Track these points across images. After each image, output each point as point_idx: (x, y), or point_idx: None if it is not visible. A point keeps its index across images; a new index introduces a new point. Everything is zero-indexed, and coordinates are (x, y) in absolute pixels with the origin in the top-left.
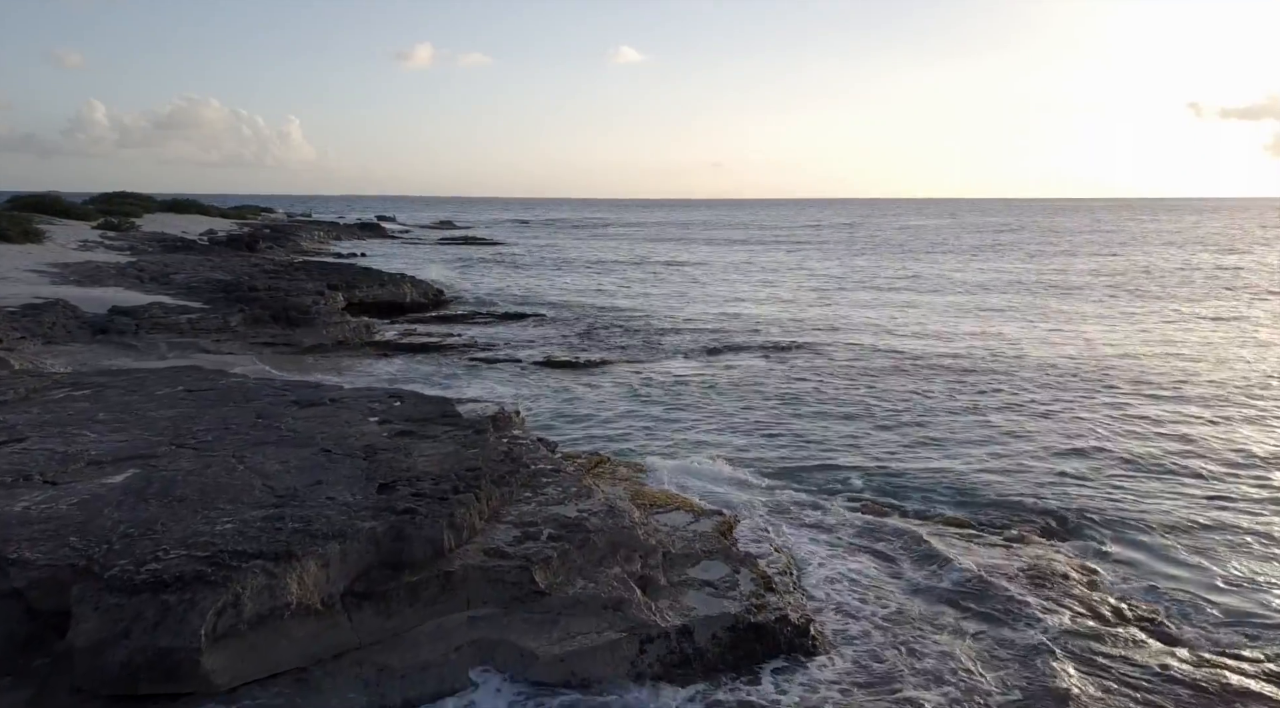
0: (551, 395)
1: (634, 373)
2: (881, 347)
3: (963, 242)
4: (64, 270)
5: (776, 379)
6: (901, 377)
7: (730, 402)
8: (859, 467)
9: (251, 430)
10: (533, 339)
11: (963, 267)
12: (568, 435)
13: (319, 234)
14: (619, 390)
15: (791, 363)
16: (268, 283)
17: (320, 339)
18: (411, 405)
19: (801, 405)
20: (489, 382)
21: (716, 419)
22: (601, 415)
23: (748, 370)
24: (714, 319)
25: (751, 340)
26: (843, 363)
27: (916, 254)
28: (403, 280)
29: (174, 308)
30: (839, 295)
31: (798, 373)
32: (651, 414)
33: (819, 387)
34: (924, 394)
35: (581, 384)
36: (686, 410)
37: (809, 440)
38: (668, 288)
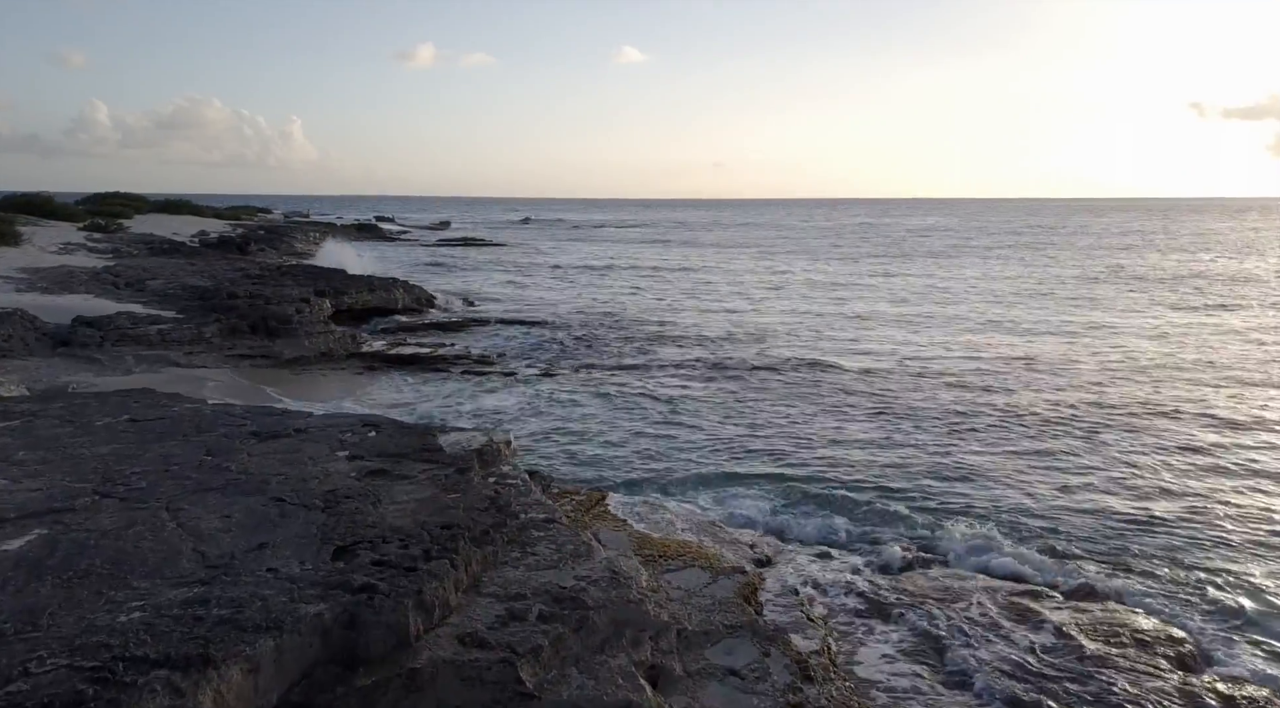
0: (548, 412)
1: (640, 387)
2: (914, 362)
3: (978, 242)
4: (33, 276)
5: (802, 399)
6: (943, 395)
7: (748, 424)
8: (902, 502)
9: (196, 472)
10: (530, 348)
11: (991, 272)
12: (565, 462)
13: (314, 235)
14: (622, 407)
15: (819, 381)
16: (250, 289)
17: (302, 351)
18: (387, 437)
19: (830, 430)
20: (480, 398)
21: (733, 444)
22: (603, 436)
23: (768, 388)
24: (729, 330)
25: (772, 355)
26: (874, 381)
27: (938, 258)
28: (394, 285)
29: (144, 318)
30: (863, 304)
31: (826, 393)
32: (659, 435)
33: (850, 409)
34: (969, 416)
35: (581, 399)
36: (698, 431)
37: (841, 472)
38: (677, 295)
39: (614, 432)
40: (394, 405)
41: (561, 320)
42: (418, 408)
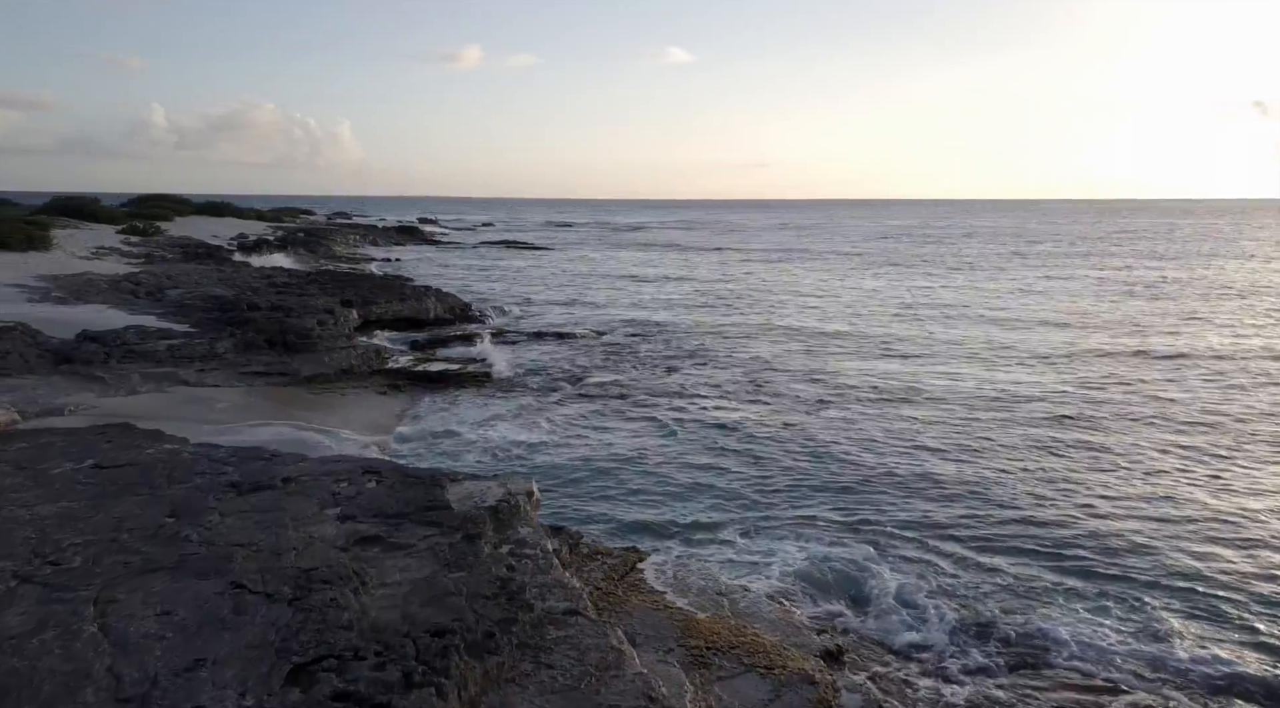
0: (581, 443)
1: (687, 415)
2: (1013, 389)
3: (1077, 249)
4: (51, 284)
5: (884, 435)
6: (1059, 434)
7: (812, 458)
8: (1009, 563)
9: (148, 544)
10: (566, 366)
11: (1075, 274)
12: (596, 504)
13: (354, 238)
14: (665, 437)
15: (905, 415)
16: (273, 299)
17: (321, 368)
18: (388, 489)
19: (914, 472)
20: (507, 425)
21: (794, 484)
22: (643, 472)
23: (844, 424)
24: (791, 351)
25: (851, 383)
26: (966, 415)
27: (1012, 261)
28: (426, 294)
29: (154, 332)
30: (937, 312)
31: (913, 430)
32: (707, 472)
33: (939, 447)
34: (1099, 456)
35: (618, 427)
36: (752, 467)
37: (925, 522)
38: (727, 304)
39: (655, 467)
40: (407, 439)
41: (602, 335)
42: (435, 437)
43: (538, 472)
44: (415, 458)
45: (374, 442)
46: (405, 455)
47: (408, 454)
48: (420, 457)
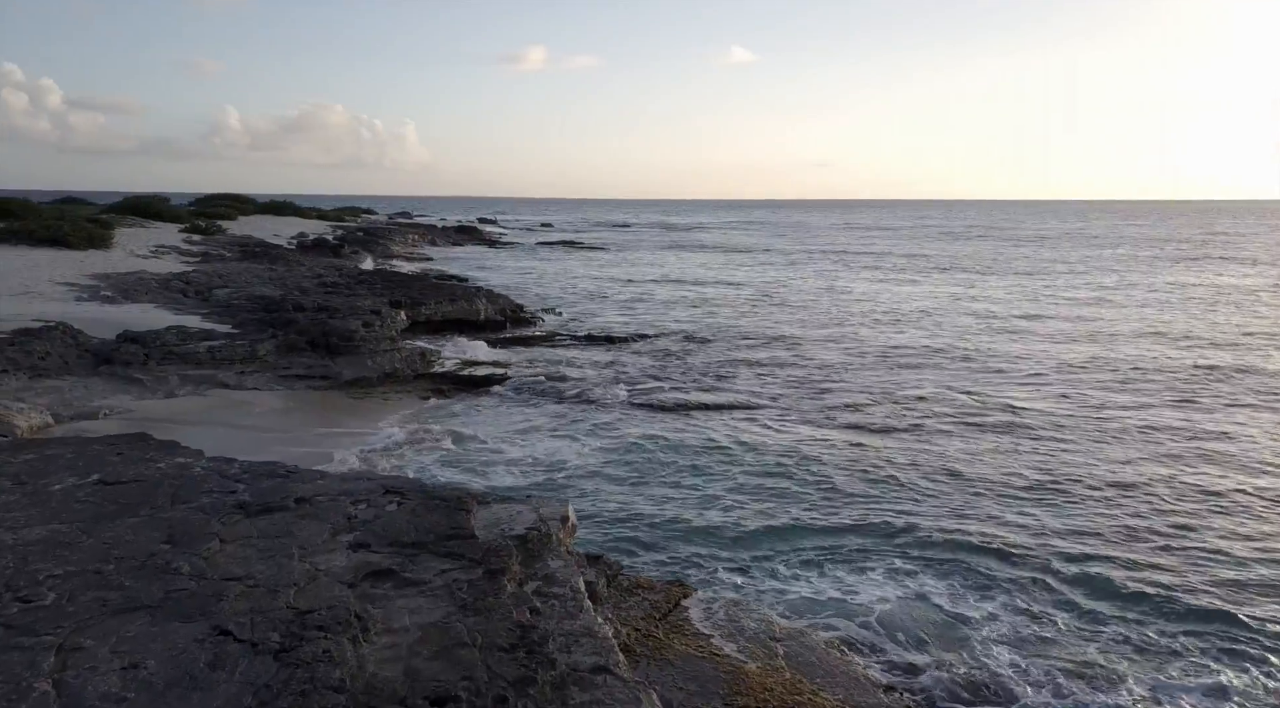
0: (627, 458)
1: (746, 429)
2: (1114, 413)
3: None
4: (103, 283)
5: (967, 458)
6: (1177, 467)
7: (890, 491)
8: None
9: (135, 576)
10: (615, 372)
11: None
12: (638, 529)
13: (413, 238)
14: (720, 454)
15: (992, 437)
16: (320, 300)
17: (364, 372)
18: (409, 513)
19: (1003, 508)
20: (549, 437)
21: (867, 519)
22: (693, 492)
23: (922, 444)
24: (861, 362)
25: (927, 397)
26: (1060, 438)
27: (1099, 265)
28: (477, 295)
29: (196, 333)
30: (1018, 320)
31: (1001, 454)
32: (766, 496)
33: (1030, 474)
34: (1217, 497)
35: (669, 440)
36: (817, 493)
37: (1023, 573)
38: (789, 308)
39: (707, 489)
40: (439, 457)
41: (656, 339)
42: (470, 450)
43: (578, 490)
44: (447, 470)
45: (405, 449)
46: (435, 468)
47: (438, 466)
48: (453, 467)
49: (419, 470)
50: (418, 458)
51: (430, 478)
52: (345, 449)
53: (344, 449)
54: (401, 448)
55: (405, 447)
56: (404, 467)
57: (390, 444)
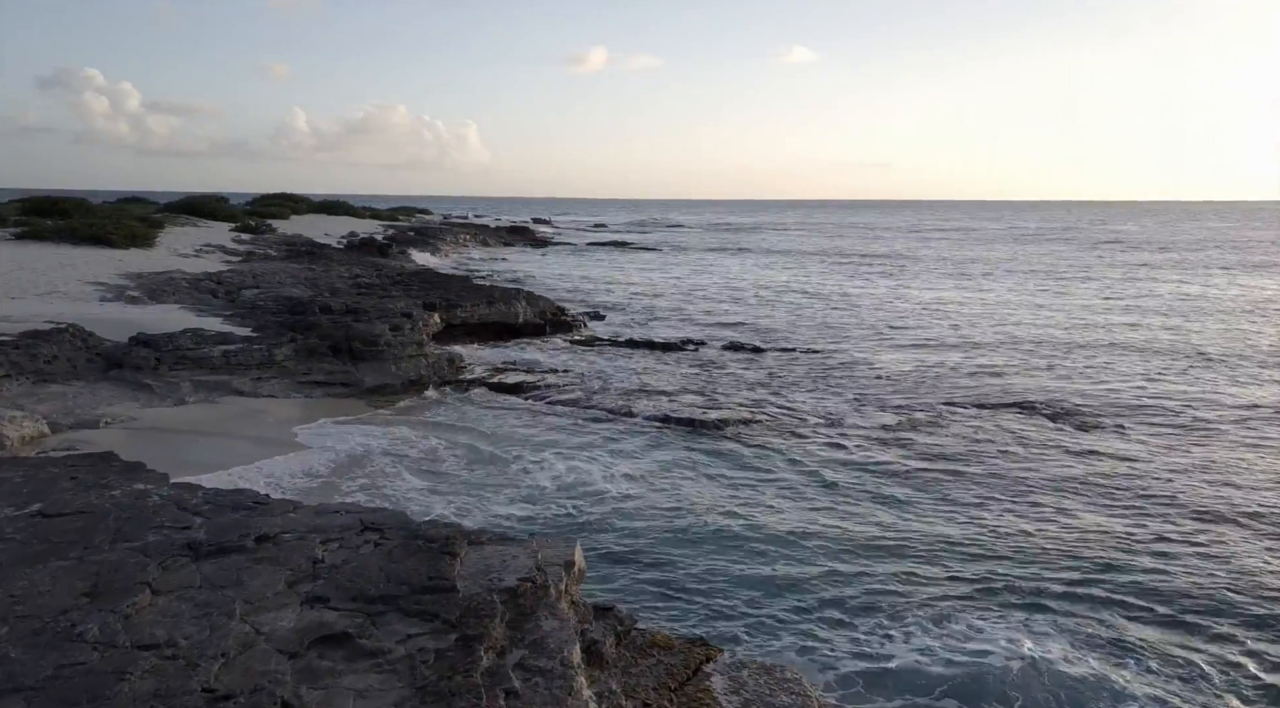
0: (661, 483)
1: (801, 448)
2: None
3: None
4: (132, 282)
5: (1063, 485)
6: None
7: (968, 526)
8: None
9: (27, 643)
10: (658, 381)
11: None
12: (664, 576)
13: (463, 237)
14: (763, 480)
15: (1094, 462)
16: (349, 301)
17: (387, 378)
18: (385, 556)
19: (1114, 546)
20: (577, 456)
21: (938, 558)
22: (732, 533)
23: (1004, 467)
24: (933, 373)
25: (1008, 412)
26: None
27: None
28: (516, 297)
29: (212, 336)
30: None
31: (1105, 477)
32: (815, 533)
33: (1141, 506)
34: None
35: (705, 465)
36: (876, 528)
37: (1149, 626)
38: (851, 314)
39: (746, 523)
40: (448, 476)
41: (701, 347)
42: (484, 470)
43: (600, 521)
44: (453, 492)
45: (413, 463)
46: (442, 489)
47: (445, 486)
48: (462, 489)
49: (420, 493)
50: (423, 476)
51: (430, 503)
52: (341, 473)
53: (339, 472)
54: (410, 461)
55: (415, 461)
56: (405, 487)
57: (400, 457)
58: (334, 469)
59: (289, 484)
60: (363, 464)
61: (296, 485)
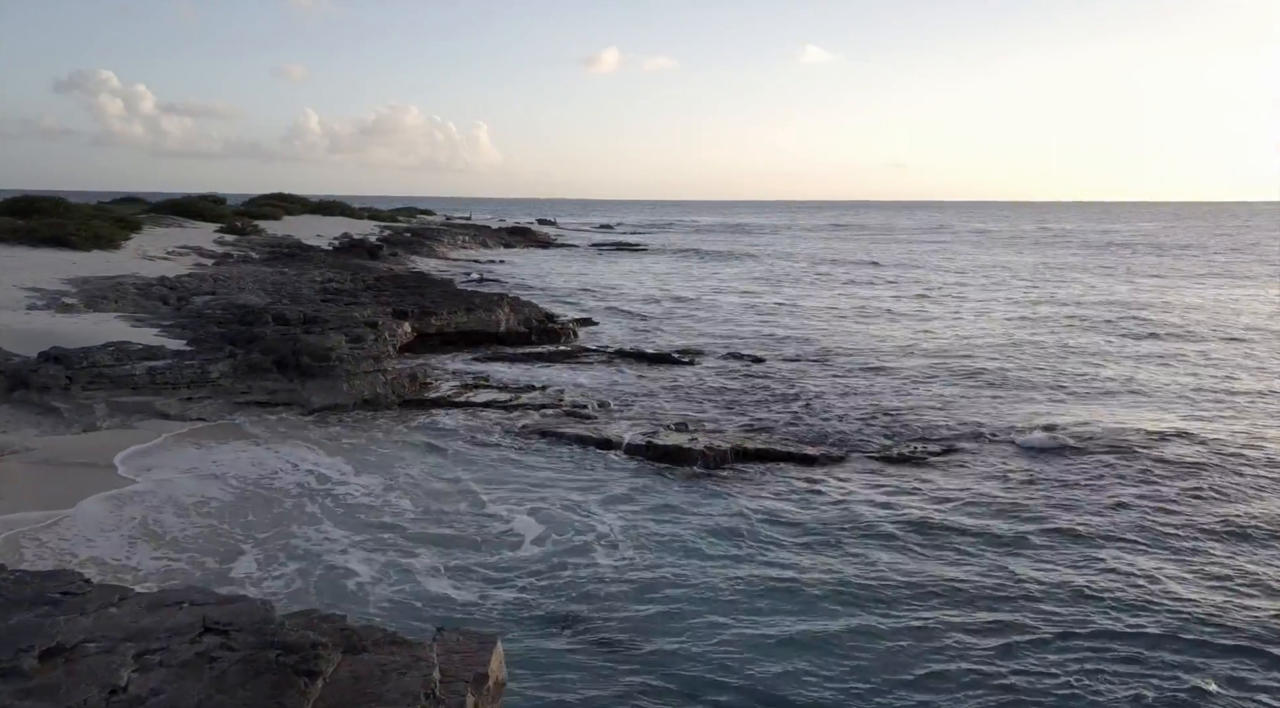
0: (633, 538)
1: (821, 495)
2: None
3: None
4: (75, 288)
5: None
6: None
7: (1076, 603)
8: None
9: None
10: (652, 402)
11: None
12: (656, 679)
13: (463, 239)
14: (774, 532)
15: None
16: (310, 309)
17: (337, 398)
18: (213, 681)
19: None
20: (546, 497)
21: (1027, 650)
22: (731, 612)
23: (1095, 516)
24: (985, 394)
25: (1082, 439)
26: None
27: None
28: (499, 303)
29: (138, 351)
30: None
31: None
32: (847, 613)
33: None
34: None
35: (703, 510)
36: (935, 607)
37: None
38: (883, 322)
39: (752, 598)
40: (376, 526)
41: (705, 360)
42: (427, 517)
43: (572, 592)
44: (375, 550)
45: (334, 510)
46: (357, 546)
47: (361, 546)
48: (384, 546)
49: (338, 549)
50: (349, 525)
51: (348, 563)
52: (239, 517)
53: (236, 516)
54: (337, 503)
55: (345, 503)
56: (320, 539)
57: (325, 496)
58: (234, 511)
59: (173, 532)
60: (275, 505)
61: (180, 536)
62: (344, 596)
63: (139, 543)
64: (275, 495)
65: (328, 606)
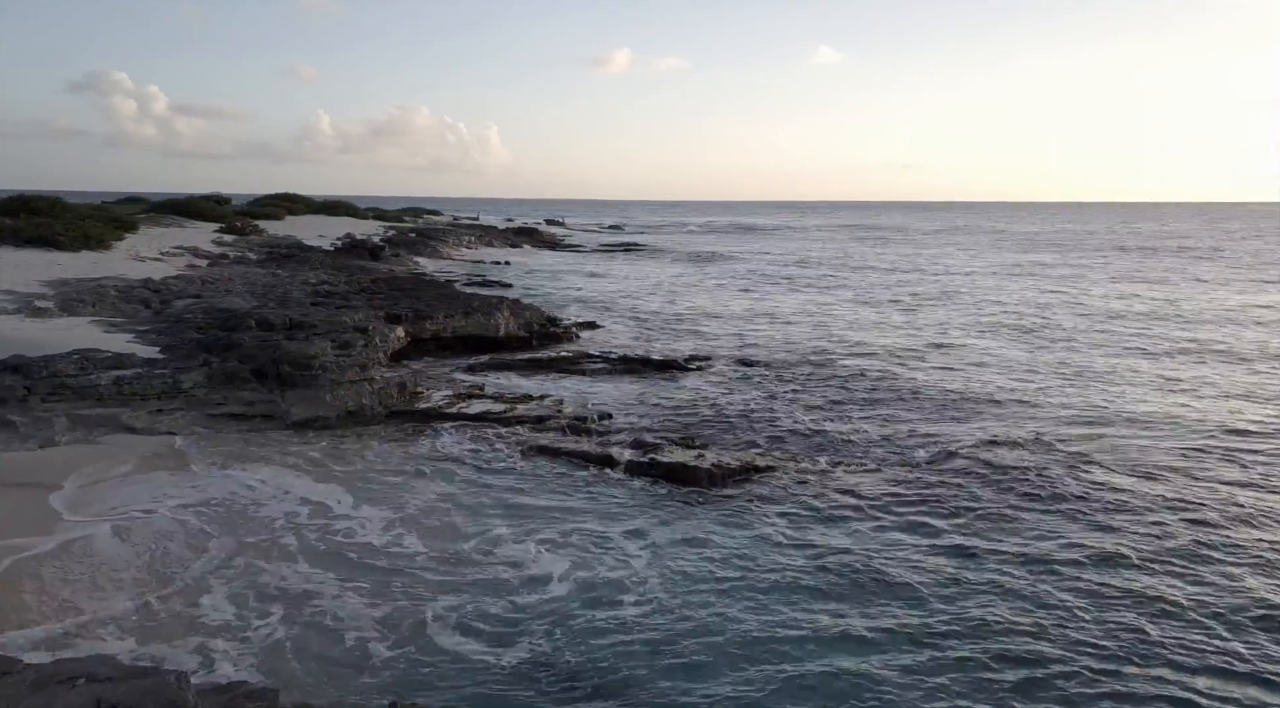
0: (658, 568)
1: (827, 505)
2: None
3: None
4: (52, 290)
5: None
6: None
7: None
8: None
9: None
10: (655, 409)
11: None
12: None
13: (468, 239)
14: (816, 579)
15: None
16: (298, 314)
17: (319, 409)
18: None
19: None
20: (531, 525)
21: None
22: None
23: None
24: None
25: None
26: None
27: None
28: (499, 306)
29: (106, 359)
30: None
31: None
32: (895, 665)
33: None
34: None
35: (715, 531)
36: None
37: None
38: (899, 327)
39: (782, 637)
40: (356, 564)
41: (711, 365)
42: (421, 551)
43: (567, 654)
44: (372, 594)
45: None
46: (345, 583)
47: (348, 581)
48: (366, 581)
49: (313, 587)
50: (326, 560)
51: (338, 610)
52: (197, 549)
53: (191, 552)
54: (314, 532)
55: (322, 534)
56: (296, 579)
57: (304, 527)
58: (190, 546)
59: (123, 571)
60: (245, 531)
61: (130, 577)
62: (329, 655)
63: (79, 586)
64: (251, 526)
65: (307, 668)
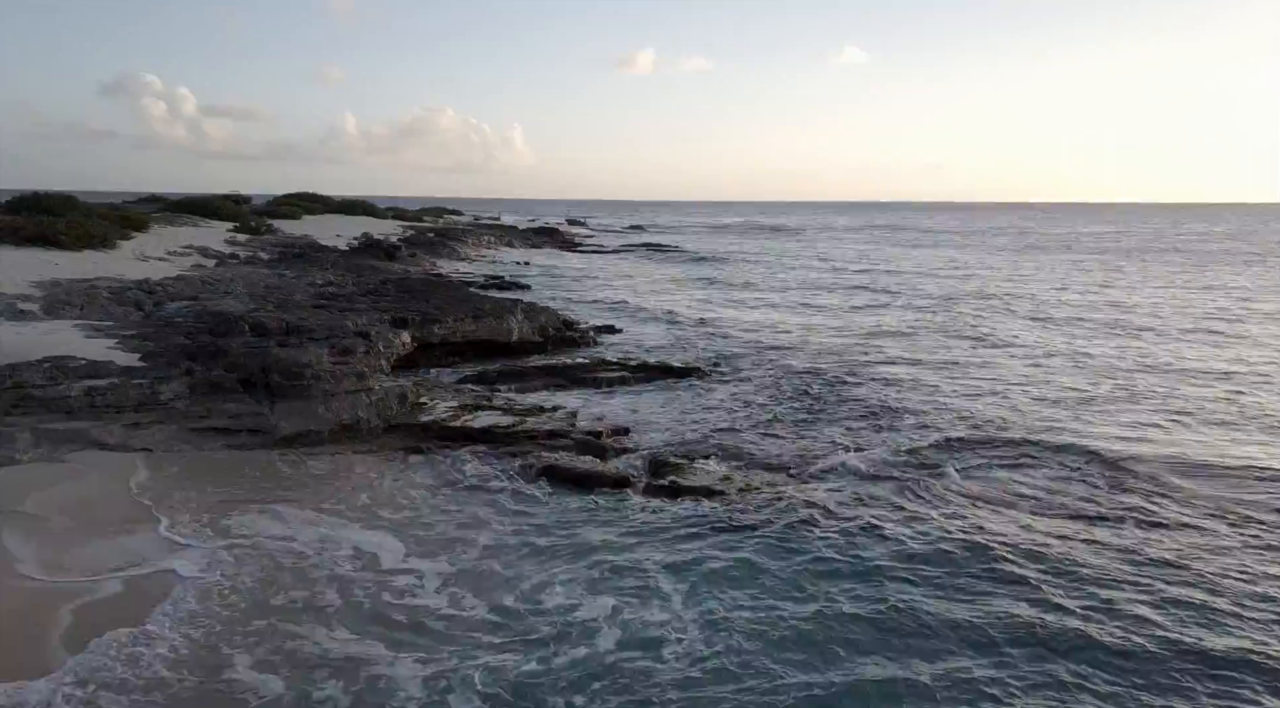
0: (702, 615)
1: (862, 531)
2: None
3: None
4: (41, 291)
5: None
6: None
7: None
8: None
9: None
10: (677, 423)
11: None
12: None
13: (488, 239)
14: (861, 614)
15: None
16: (297, 317)
17: (311, 422)
18: None
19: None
20: (546, 560)
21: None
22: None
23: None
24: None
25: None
26: None
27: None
28: (511, 309)
29: (80, 367)
30: None
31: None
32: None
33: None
34: None
35: (766, 573)
36: None
37: None
38: (939, 333)
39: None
40: (391, 621)
41: (738, 373)
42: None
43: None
44: (413, 648)
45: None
46: (390, 643)
47: (393, 641)
48: (407, 638)
49: (339, 655)
50: (357, 617)
51: (379, 681)
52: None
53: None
54: (326, 583)
55: (339, 583)
56: (328, 642)
57: (316, 580)
58: (176, 626)
59: (110, 675)
60: (272, 593)
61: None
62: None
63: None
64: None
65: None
